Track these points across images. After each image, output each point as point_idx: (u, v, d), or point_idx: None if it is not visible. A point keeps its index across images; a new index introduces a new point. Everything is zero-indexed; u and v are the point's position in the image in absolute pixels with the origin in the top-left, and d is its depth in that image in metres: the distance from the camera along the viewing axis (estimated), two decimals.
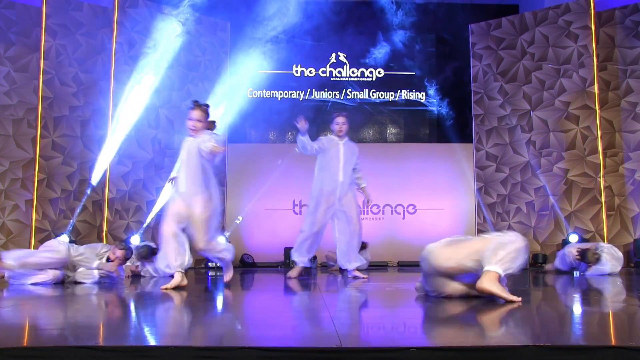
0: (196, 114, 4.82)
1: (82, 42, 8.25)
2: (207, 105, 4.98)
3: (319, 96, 9.97)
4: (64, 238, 7.09)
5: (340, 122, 6.26)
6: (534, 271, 7.57)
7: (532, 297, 4.20)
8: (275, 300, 4.07)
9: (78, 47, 8.23)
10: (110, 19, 8.30)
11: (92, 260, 5.50)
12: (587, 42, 8.54)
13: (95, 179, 8.08)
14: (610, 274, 6.46)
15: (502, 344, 2.09)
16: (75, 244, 6.49)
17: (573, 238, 8.12)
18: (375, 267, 8.53)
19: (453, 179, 9.64)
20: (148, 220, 8.30)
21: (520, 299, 3.41)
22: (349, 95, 10.03)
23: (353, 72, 10.08)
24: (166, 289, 4.55)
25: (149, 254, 6.49)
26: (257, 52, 9.66)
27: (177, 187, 4.83)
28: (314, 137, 6.29)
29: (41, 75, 7.89)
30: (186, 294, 4.32)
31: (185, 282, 4.72)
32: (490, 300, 3.48)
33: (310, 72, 10.01)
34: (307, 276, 6.39)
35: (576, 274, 6.80)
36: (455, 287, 3.65)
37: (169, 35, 8.60)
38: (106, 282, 5.38)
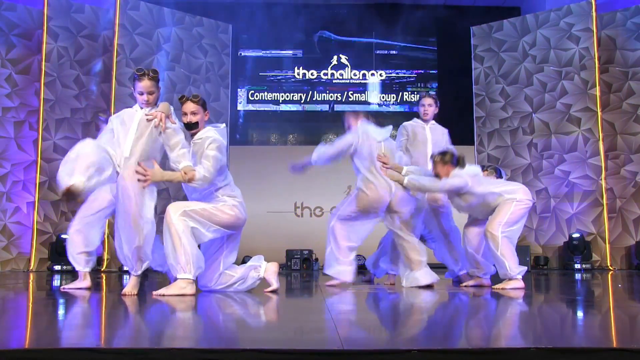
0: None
1: (83, 45, 8.27)
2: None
3: (320, 98, 9.97)
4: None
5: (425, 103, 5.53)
6: (535, 273, 7.56)
7: (534, 298, 4.20)
8: (276, 302, 4.07)
9: (80, 49, 8.24)
10: (112, 21, 8.30)
11: None
12: (588, 44, 8.53)
13: None
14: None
15: (503, 347, 2.08)
16: None
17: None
18: None
19: None
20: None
21: None
22: (350, 98, 10.04)
23: (355, 75, 10.08)
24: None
25: None
26: (259, 54, 9.67)
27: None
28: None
29: (43, 78, 7.90)
30: (188, 295, 4.31)
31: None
32: (491, 302, 3.47)
33: (312, 74, 10.02)
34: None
35: None
36: None
37: (169, 36, 8.61)
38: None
